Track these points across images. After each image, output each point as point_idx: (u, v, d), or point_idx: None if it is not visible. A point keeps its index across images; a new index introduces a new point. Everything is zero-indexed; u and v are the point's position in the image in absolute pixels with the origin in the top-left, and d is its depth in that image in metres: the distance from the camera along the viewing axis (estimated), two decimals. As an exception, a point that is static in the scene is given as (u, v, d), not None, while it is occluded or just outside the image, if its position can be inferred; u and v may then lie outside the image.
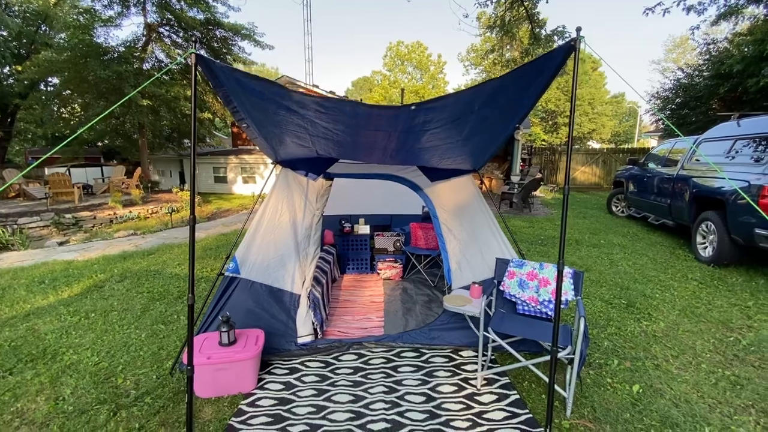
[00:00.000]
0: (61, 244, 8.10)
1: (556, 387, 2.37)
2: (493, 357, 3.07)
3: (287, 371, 2.91)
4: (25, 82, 15.44)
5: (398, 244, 5.15)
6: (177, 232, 8.54)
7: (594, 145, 33.38)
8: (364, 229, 5.23)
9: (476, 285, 2.99)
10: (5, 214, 10.01)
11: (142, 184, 14.43)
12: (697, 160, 6.18)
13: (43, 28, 16.79)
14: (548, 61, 1.84)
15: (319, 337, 3.24)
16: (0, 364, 2.99)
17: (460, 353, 3.15)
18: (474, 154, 3.02)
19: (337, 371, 2.91)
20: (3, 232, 7.79)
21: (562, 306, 2.76)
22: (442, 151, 2.91)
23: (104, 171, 17.85)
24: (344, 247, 5.19)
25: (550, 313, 2.75)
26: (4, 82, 16.23)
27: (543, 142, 29.87)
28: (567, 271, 2.72)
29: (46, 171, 15.09)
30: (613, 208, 9.48)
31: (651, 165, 7.83)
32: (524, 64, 1.89)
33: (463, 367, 2.96)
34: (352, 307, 4.07)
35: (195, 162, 1.96)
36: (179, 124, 16.26)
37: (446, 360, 3.06)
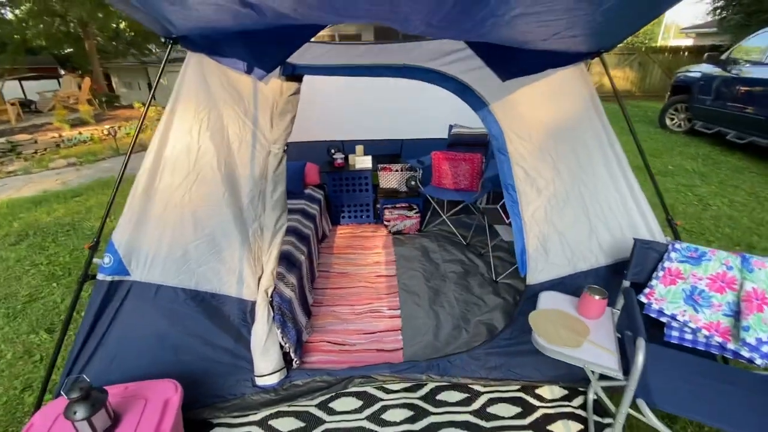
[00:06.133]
0: (-14, 178, 6.48)
1: None
2: (595, 398, 1.77)
3: (234, 450, 1.61)
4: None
5: (413, 182, 3.59)
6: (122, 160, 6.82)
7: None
8: (363, 161, 3.61)
9: (596, 296, 1.50)
10: None
11: (97, 99, 12.14)
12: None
13: None
14: None
15: (295, 364, 1.88)
16: None
17: (536, 391, 1.84)
18: (611, 16, 1.28)
19: (325, 444, 1.62)
20: None
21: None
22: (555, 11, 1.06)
23: (62, 84, 15.28)
24: (336, 188, 3.61)
25: (760, 361, 1.33)
26: None
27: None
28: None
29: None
30: (668, 121, 7.69)
31: (740, 64, 5.89)
32: None
33: (548, 427, 1.67)
34: (349, 288, 2.68)
35: None
36: (134, 21, 13.31)
37: (517, 410, 1.75)
